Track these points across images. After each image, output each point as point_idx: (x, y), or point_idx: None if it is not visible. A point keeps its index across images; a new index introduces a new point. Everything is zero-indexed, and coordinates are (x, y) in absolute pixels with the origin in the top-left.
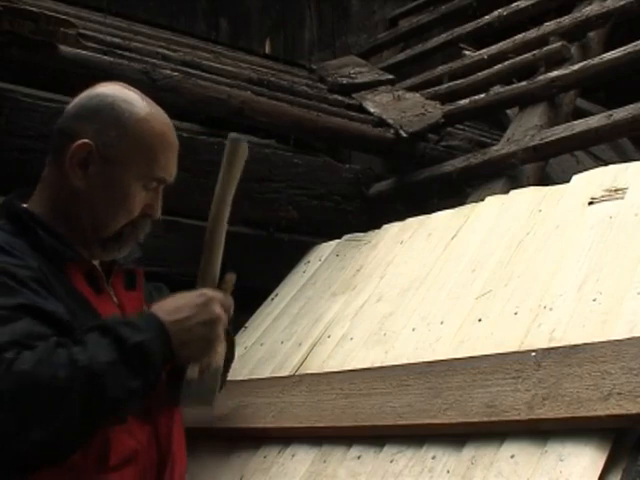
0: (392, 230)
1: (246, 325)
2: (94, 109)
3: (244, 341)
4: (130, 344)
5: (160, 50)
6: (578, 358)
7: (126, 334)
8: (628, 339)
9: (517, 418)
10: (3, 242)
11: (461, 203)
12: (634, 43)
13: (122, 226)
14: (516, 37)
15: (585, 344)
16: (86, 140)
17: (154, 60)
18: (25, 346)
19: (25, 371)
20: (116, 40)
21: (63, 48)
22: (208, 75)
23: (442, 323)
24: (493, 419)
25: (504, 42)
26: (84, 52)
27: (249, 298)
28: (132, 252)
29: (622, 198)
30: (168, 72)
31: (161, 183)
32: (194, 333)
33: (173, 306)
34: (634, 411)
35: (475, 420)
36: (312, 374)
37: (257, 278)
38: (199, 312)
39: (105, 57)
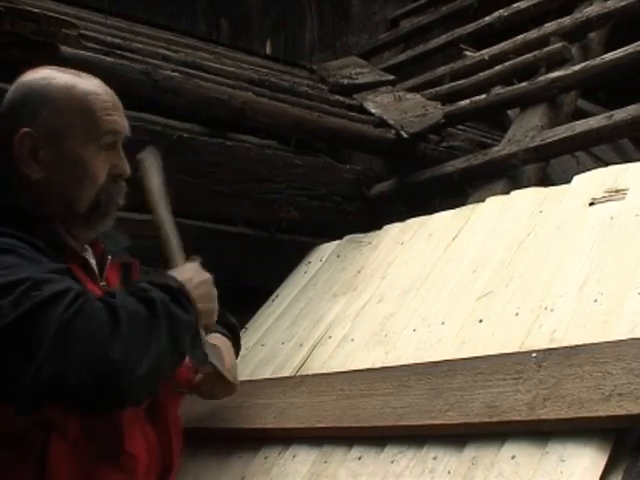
0: (393, 231)
1: (247, 326)
2: (18, 99)
3: (245, 342)
4: (175, 289)
5: (161, 51)
6: (579, 359)
7: (167, 281)
8: (629, 339)
9: (518, 419)
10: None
11: (462, 204)
12: (635, 43)
13: (95, 196)
14: (517, 38)
15: (586, 345)
16: (24, 129)
17: (155, 61)
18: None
19: (117, 304)
20: (117, 41)
21: (64, 49)
22: (209, 76)
23: (443, 324)
24: (494, 420)
25: (505, 43)
26: (85, 53)
27: (250, 299)
28: (121, 242)
29: (623, 199)
30: (169, 73)
31: (115, 138)
32: (202, 290)
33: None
34: (635, 412)
35: (476, 421)
36: (313, 375)
37: (258, 279)
38: (196, 275)
39: (106, 58)
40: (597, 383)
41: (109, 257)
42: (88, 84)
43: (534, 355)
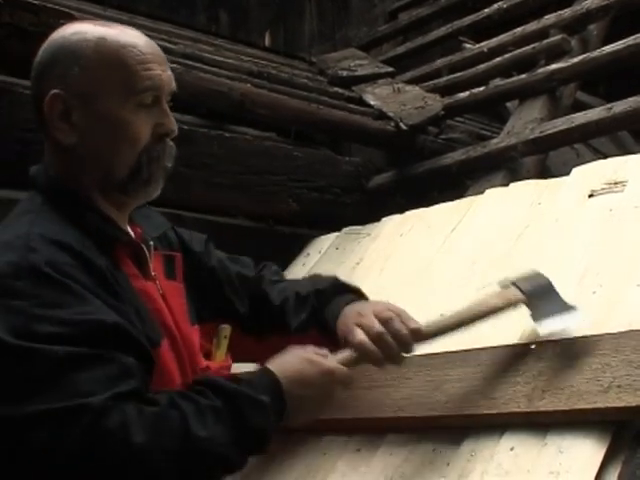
0: (392, 223)
1: None
2: (49, 58)
3: None
4: (251, 428)
5: (161, 43)
6: (578, 351)
7: (250, 415)
8: (628, 332)
9: (517, 411)
10: (59, 236)
11: (461, 196)
12: (634, 36)
13: (136, 158)
14: (516, 30)
15: (585, 337)
16: (53, 91)
17: None
18: (125, 396)
19: (139, 445)
20: None
21: None
22: (209, 68)
23: (441, 316)
24: (493, 412)
25: (504, 35)
26: None
27: None
28: (161, 224)
29: (622, 191)
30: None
31: (159, 93)
32: (307, 408)
33: (298, 378)
34: (634, 404)
35: (475, 413)
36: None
37: None
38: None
39: None
40: (596, 375)
41: (151, 243)
42: (124, 36)
43: (533, 347)
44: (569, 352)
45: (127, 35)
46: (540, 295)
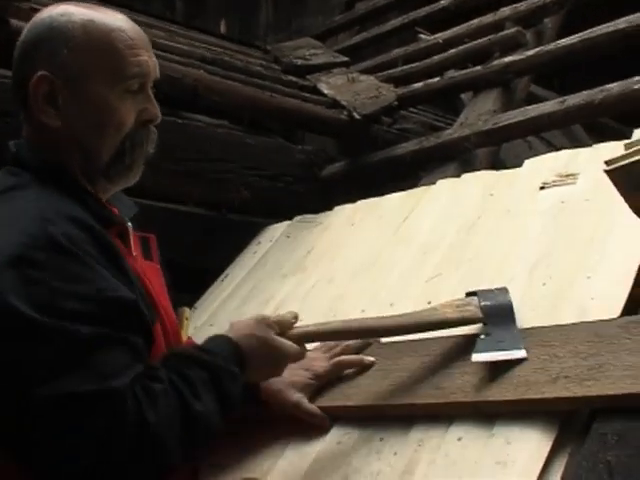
0: (344, 212)
1: (196, 306)
2: (35, 38)
3: (194, 322)
4: (230, 397)
5: None
6: (527, 342)
7: (228, 386)
8: (576, 323)
9: (464, 400)
10: (70, 211)
11: (413, 186)
12: (589, 30)
13: (120, 144)
14: (472, 22)
15: (534, 328)
16: (40, 72)
17: None
18: (139, 378)
19: (153, 424)
20: None
21: (15, 22)
22: (162, 54)
23: (392, 305)
24: (440, 401)
25: (460, 26)
26: None
27: (200, 278)
28: (131, 208)
29: (574, 183)
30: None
31: (145, 80)
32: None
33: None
34: (581, 394)
35: (423, 402)
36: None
37: (209, 258)
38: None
39: None
40: (544, 366)
41: (129, 225)
42: (112, 20)
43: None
44: None
45: (115, 19)
46: (496, 319)
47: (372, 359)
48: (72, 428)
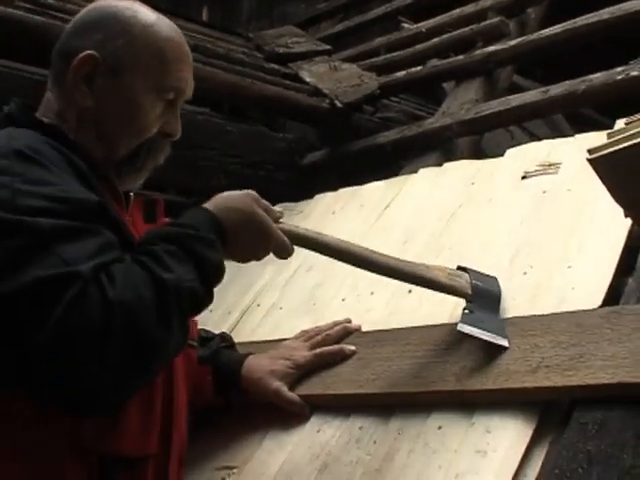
0: (324, 200)
1: None
2: (95, 20)
3: None
4: (209, 264)
5: None
6: (508, 331)
7: (204, 253)
8: (557, 313)
9: (444, 389)
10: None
11: (395, 175)
12: (571, 20)
13: (137, 146)
14: (454, 11)
15: (515, 317)
16: (89, 52)
17: None
18: (107, 265)
19: (117, 300)
20: (50, 1)
21: None
22: None
23: (372, 294)
24: (420, 390)
25: (442, 16)
26: (17, 11)
27: None
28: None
29: (555, 173)
30: None
31: (179, 96)
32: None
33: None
34: (561, 384)
35: (403, 391)
36: (241, 343)
37: None
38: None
39: (39, 18)
40: (525, 355)
41: (131, 194)
42: (170, 29)
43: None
44: None
45: (173, 29)
46: (484, 300)
47: (353, 348)
48: (40, 314)
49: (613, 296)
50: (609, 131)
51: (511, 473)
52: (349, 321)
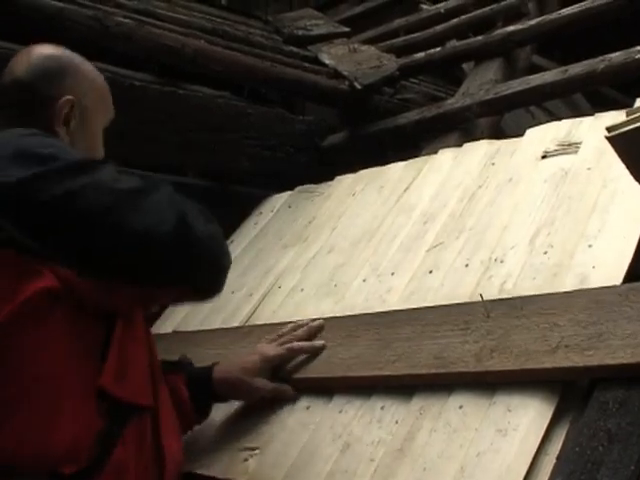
0: (345, 182)
1: None
2: (58, 67)
3: None
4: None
5: None
6: (527, 310)
7: None
8: (577, 291)
9: (465, 370)
10: None
11: (415, 156)
12: (589, 0)
13: None
14: None
15: (534, 296)
16: (68, 97)
17: (107, 7)
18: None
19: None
20: None
21: None
22: (162, 24)
23: (393, 274)
24: (441, 371)
25: None
26: None
27: None
28: None
29: (575, 152)
30: (121, 19)
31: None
32: None
33: None
34: (581, 364)
35: (423, 372)
36: (262, 325)
37: None
38: None
39: (55, 2)
40: (544, 334)
41: None
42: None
43: (482, 306)
44: (518, 311)
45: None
46: None
47: (322, 342)
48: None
49: (634, 274)
50: (628, 109)
51: (532, 451)
52: (312, 321)
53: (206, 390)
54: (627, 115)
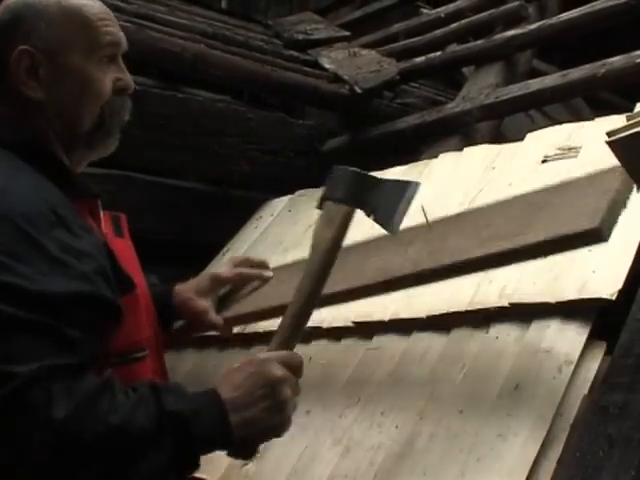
0: None
1: None
2: (10, 18)
3: None
4: (168, 411)
5: (113, 2)
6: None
7: (168, 400)
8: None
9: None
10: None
11: (415, 160)
12: (590, 4)
13: (99, 112)
14: None
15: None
16: (20, 47)
17: None
18: (55, 370)
19: (60, 420)
20: None
21: None
22: (162, 28)
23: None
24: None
25: (461, 0)
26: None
27: (201, 253)
28: (93, 189)
29: (575, 157)
30: (120, 23)
31: (115, 49)
32: (258, 416)
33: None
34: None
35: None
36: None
37: (210, 233)
38: (265, 395)
39: None
40: None
41: (99, 202)
42: None
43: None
44: None
45: None
46: (361, 193)
47: (270, 274)
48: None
49: (633, 279)
50: (629, 114)
51: (532, 456)
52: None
53: (168, 309)
54: (627, 120)
